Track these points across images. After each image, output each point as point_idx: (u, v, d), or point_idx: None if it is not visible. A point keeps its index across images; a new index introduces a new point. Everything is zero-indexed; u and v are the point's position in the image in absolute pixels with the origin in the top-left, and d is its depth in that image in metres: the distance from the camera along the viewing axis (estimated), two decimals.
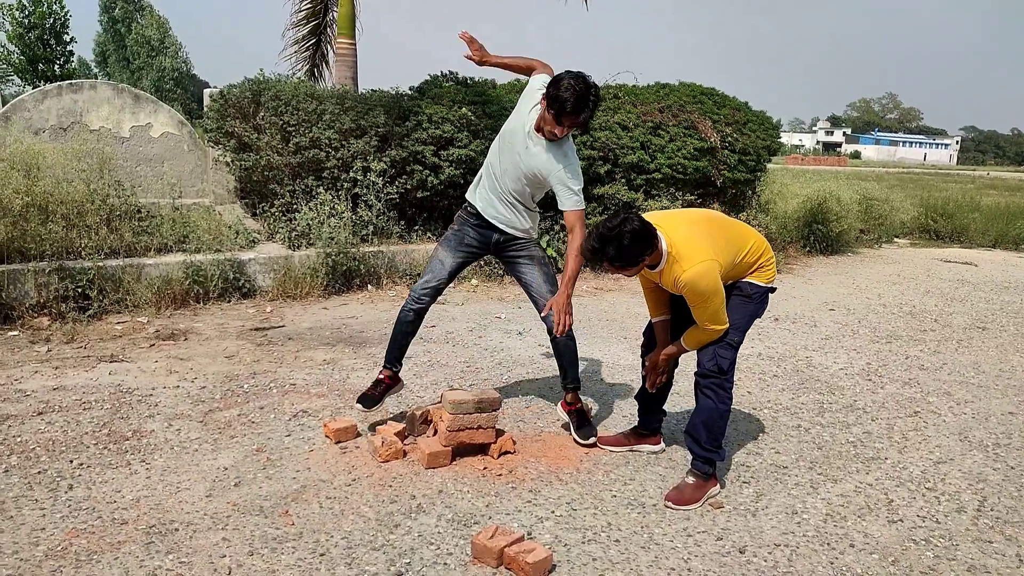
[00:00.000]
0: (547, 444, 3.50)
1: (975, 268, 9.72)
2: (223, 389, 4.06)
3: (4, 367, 4.26)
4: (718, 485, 3.09)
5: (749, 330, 3.18)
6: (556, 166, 3.21)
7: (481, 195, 3.49)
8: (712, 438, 3.04)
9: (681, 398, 4.07)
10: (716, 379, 3.02)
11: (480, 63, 3.49)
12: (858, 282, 8.31)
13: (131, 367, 4.36)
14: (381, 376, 3.58)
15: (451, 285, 4.18)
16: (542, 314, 3.39)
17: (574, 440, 3.49)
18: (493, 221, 3.45)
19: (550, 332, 3.37)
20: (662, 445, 3.49)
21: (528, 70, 3.51)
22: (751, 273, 3.08)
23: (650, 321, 3.31)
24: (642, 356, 3.40)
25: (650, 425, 3.46)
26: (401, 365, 3.63)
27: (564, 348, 3.49)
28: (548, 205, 8.23)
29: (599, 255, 2.83)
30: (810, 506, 3.02)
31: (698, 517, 2.89)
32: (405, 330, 3.54)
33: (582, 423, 3.51)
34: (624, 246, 2.77)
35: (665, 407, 3.50)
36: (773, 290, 3.15)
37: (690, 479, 3.04)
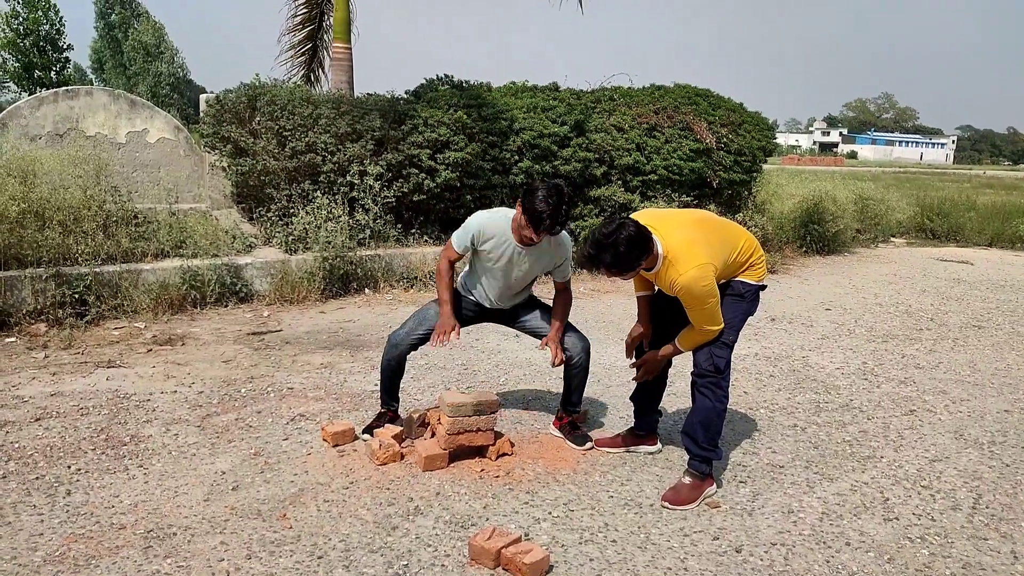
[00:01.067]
0: (544, 446, 3.51)
1: (971, 267, 9.75)
2: (220, 394, 4.06)
3: (2, 373, 4.26)
4: (715, 485, 3.10)
5: (743, 329, 3.19)
6: (562, 253, 3.37)
7: (486, 295, 3.51)
8: (709, 437, 3.06)
9: (677, 398, 4.08)
10: (713, 378, 3.03)
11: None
12: (854, 282, 8.34)
13: (128, 372, 4.36)
14: (383, 410, 3.63)
15: None
16: (542, 345, 3.48)
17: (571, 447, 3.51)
18: (504, 306, 3.55)
19: (566, 362, 3.45)
20: (659, 446, 3.50)
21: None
22: (743, 272, 3.09)
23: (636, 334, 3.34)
24: (630, 355, 3.41)
25: (646, 426, 3.48)
26: (399, 402, 3.67)
27: (579, 375, 3.54)
28: None
29: (596, 262, 2.84)
30: (806, 505, 3.03)
31: (695, 517, 2.90)
32: (393, 376, 3.57)
33: (578, 434, 3.55)
34: (620, 253, 2.77)
35: (661, 407, 3.52)
36: (763, 288, 3.17)
37: (687, 479, 3.05)
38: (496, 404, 3.31)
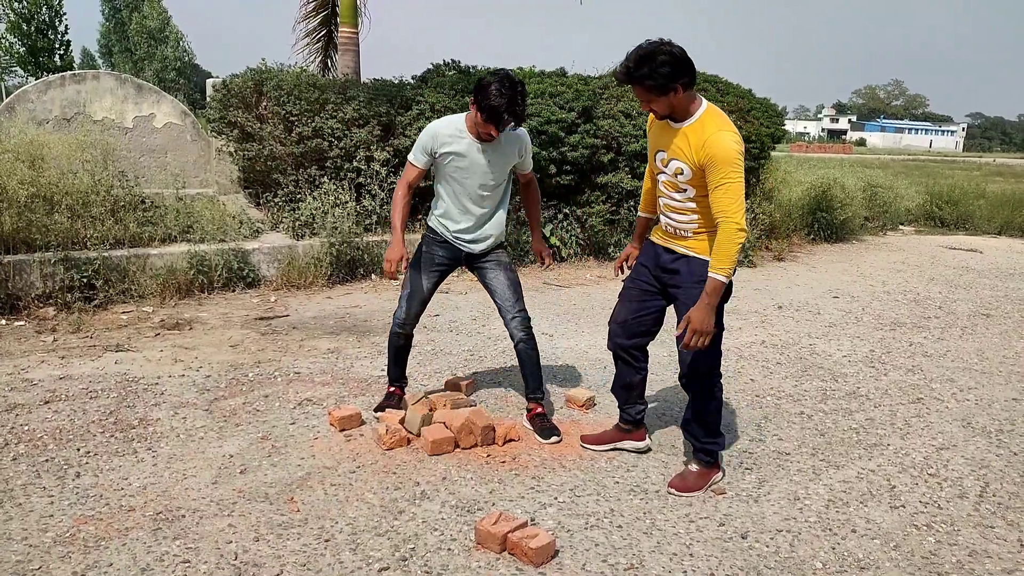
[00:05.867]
0: None
1: (980, 255, 9.69)
2: (228, 378, 4.08)
3: (11, 357, 4.29)
4: (721, 472, 3.10)
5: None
6: (523, 143, 3.43)
7: (461, 214, 3.44)
8: (708, 431, 3.02)
9: (674, 390, 4.06)
10: (707, 379, 2.96)
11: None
12: (862, 269, 8.30)
13: (137, 356, 4.38)
14: (392, 390, 3.66)
15: (454, 274, 4.18)
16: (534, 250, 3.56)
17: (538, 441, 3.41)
18: (476, 248, 3.47)
19: (513, 339, 3.46)
20: (647, 441, 3.32)
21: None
22: None
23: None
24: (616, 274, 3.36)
25: (631, 418, 3.29)
26: (407, 379, 3.72)
27: (526, 356, 3.48)
28: (552, 194, 8.21)
29: (630, 76, 2.67)
30: (812, 492, 3.03)
31: (700, 503, 2.91)
32: (401, 353, 3.63)
33: (544, 426, 3.44)
34: (659, 63, 2.59)
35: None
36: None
37: (694, 467, 3.05)
38: (471, 387, 3.33)
